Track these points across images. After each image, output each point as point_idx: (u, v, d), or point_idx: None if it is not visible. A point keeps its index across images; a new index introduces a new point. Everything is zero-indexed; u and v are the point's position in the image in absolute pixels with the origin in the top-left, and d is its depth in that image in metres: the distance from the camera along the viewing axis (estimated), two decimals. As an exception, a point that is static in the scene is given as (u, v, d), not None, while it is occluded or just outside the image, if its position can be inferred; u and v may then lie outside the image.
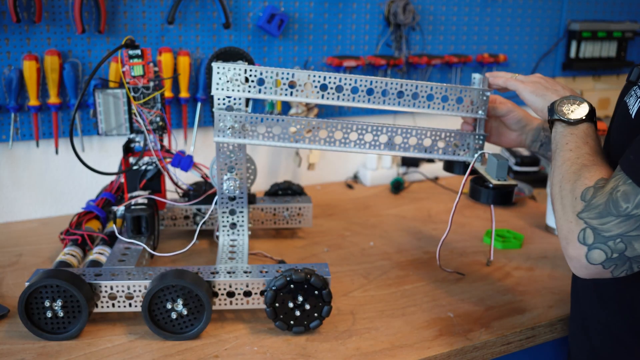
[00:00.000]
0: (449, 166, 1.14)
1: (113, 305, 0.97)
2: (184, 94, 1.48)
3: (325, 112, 1.68)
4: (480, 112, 1.07)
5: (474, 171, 1.06)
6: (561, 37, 1.97)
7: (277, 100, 1.51)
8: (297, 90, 1.02)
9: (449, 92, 1.05)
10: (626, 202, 0.73)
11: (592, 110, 0.91)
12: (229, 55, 1.13)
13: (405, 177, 1.78)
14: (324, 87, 1.02)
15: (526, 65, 1.94)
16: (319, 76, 1.02)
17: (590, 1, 1.98)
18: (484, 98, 1.06)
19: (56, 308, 0.93)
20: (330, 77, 1.02)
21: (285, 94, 1.02)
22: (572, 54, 1.97)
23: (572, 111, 0.91)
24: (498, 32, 1.86)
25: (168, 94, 1.47)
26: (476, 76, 1.10)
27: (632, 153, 0.76)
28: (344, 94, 1.03)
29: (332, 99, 1.03)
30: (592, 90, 2.02)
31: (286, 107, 1.59)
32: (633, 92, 0.83)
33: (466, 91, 1.06)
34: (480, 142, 1.08)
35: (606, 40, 2.00)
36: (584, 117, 0.90)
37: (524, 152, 1.81)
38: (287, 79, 1.01)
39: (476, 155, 1.08)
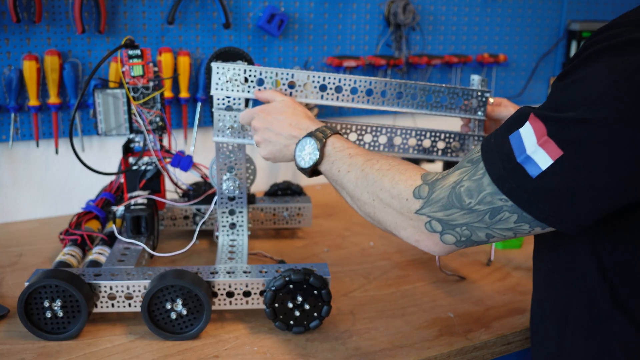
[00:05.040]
0: (449, 167, 1.14)
1: (112, 305, 0.97)
2: (184, 94, 1.48)
3: (325, 112, 1.68)
4: (479, 113, 1.07)
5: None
6: (561, 37, 1.97)
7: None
8: (296, 91, 1.02)
9: (448, 93, 1.05)
10: (469, 198, 0.73)
11: (319, 130, 0.91)
12: (229, 55, 1.13)
13: (405, 177, 1.78)
14: (323, 88, 1.02)
15: (526, 65, 1.94)
16: (319, 76, 1.02)
17: (590, 1, 1.98)
18: (483, 99, 1.06)
19: (56, 308, 0.93)
20: (329, 78, 1.02)
21: (285, 95, 1.02)
22: (572, 54, 1.96)
23: (308, 157, 0.91)
24: (498, 32, 1.86)
25: (168, 94, 1.47)
26: (475, 77, 1.10)
27: (493, 136, 0.74)
28: (343, 95, 1.03)
29: (332, 99, 1.03)
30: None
31: (286, 107, 1.59)
32: None
33: (465, 92, 1.06)
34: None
35: (606, 40, 1.99)
36: (318, 148, 0.89)
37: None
38: (287, 79, 1.02)
39: (476, 156, 1.07)
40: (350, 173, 0.87)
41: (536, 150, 0.67)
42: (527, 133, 0.69)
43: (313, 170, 0.92)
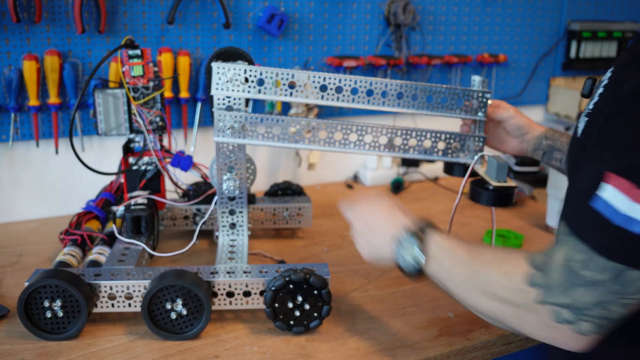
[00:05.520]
0: (449, 168, 1.14)
1: (112, 305, 0.97)
2: (184, 94, 1.48)
3: (325, 112, 1.68)
4: (479, 114, 1.07)
5: (473, 173, 1.06)
6: (561, 37, 1.97)
7: (277, 101, 1.51)
8: (296, 91, 1.02)
9: (448, 94, 1.05)
10: (586, 270, 0.68)
11: (417, 226, 0.86)
12: (229, 55, 1.13)
13: (405, 177, 1.78)
14: (323, 88, 1.02)
15: (526, 65, 1.94)
16: (319, 77, 1.02)
17: (590, 1, 1.98)
18: (484, 100, 1.06)
19: (55, 308, 0.93)
20: (330, 78, 1.02)
21: (285, 95, 1.02)
22: (572, 54, 1.97)
23: (411, 259, 0.85)
24: (498, 32, 1.86)
25: (168, 94, 1.47)
26: (476, 78, 1.10)
27: (573, 210, 0.70)
28: (343, 95, 1.03)
29: (332, 99, 1.03)
30: (592, 91, 2.03)
31: (286, 107, 1.59)
32: (586, 108, 0.78)
33: (466, 93, 1.06)
34: (480, 144, 1.08)
35: (606, 40, 2.00)
36: (420, 250, 0.84)
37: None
38: (287, 79, 1.01)
39: (476, 157, 1.07)
40: (456, 272, 0.81)
41: (632, 207, 0.63)
42: (613, 195, 0.65)
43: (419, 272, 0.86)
